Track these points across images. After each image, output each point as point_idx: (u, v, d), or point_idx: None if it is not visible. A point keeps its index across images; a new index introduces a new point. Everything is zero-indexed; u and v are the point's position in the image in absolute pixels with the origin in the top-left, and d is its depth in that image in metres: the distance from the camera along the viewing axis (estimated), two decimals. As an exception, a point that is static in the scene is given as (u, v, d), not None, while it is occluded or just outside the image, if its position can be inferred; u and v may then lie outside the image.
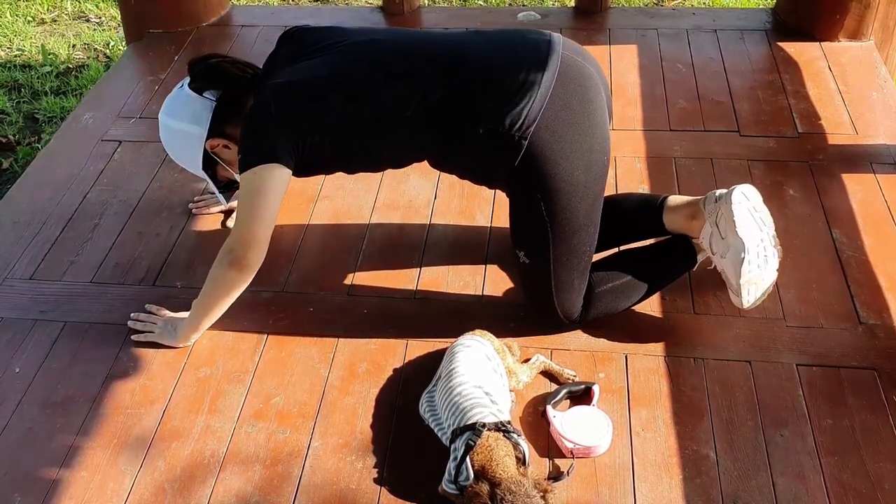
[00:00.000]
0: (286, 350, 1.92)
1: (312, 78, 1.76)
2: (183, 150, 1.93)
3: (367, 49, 1.79)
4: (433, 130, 1.74)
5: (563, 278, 1.80)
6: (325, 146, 1.77)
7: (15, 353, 1.96)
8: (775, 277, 1.79)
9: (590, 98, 1.73)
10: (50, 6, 4.35)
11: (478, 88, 1.70)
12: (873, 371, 1.79)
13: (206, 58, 1.91)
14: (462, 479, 1.51)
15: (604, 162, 1.76)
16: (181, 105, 1.89)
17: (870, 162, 2.36)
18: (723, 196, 1.79)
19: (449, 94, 1.70)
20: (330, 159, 1.86)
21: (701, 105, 2.63)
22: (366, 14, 3.28)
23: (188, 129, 1.87)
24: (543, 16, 3.19)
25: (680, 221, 1.88)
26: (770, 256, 1.77)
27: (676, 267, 1.93)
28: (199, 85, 1.87)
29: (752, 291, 1.76)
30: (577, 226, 1.75)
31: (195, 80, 1.88)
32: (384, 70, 1.75)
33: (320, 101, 1.74)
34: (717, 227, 1.78)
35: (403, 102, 1.72)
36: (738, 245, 1.73)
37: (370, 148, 1.82)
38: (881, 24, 2.84)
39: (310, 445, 1.71)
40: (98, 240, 2.27)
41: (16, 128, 3.46)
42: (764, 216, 1.80)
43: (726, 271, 1.79)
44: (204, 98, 1.86)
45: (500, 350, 1.76)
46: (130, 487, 1.66)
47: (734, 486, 1.59)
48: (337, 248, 2.19)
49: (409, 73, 1.73)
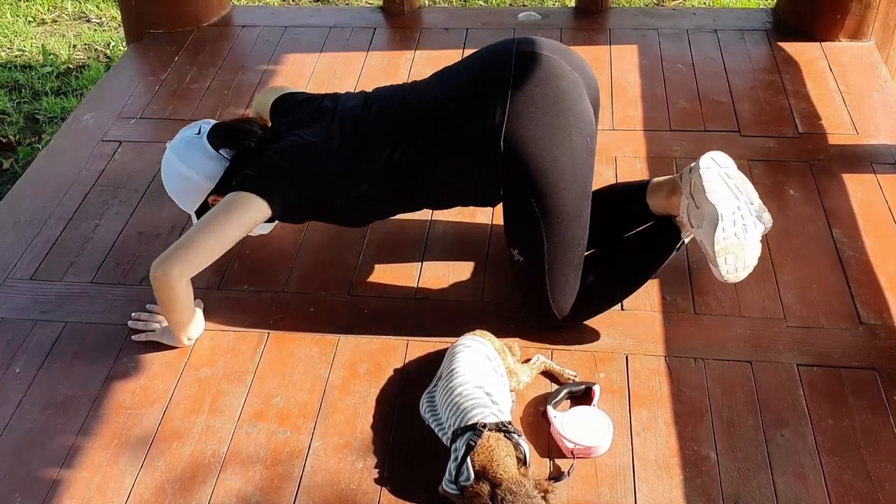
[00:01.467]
0: (287, 350, 1.92)
1: (314, 144, 1.83)
2: (183, 192, 2.00)
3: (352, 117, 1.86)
4: (425, 175, 1.81)
5: (558, 275, 1.80)
6: (320, 206, 1.87)
7: (15, 354, 1.96)
8: (758, 249, 1.75)
9: (554, 84, 1.73)
10: (50, 6, 4.35)
11: (449, 119, 1.76)
12: (874, 371, 1.79)
13: (233, 123, 2.01)
14: (462, 479, 1.51)
15: (587, 143, 1.76)
16: (196, 155, 1.95)
17: (870, 162, 2.36)
18: (694, 164, 1.79)
19: (427, 138, 1.78)
20: (322, 214, 1.95)
21: (701, 105, 2.63)
22: (366, 14, 3.29)
23: (198, 179, 1.94)
24: (544, 16, 3.19)
25: (661, 200, 1.88)
26: (749, 225, 1.73)
27: (662, 248, 1.89)
28: (218, 142, 1.95)
29: (729, 260, 1.73)
30: (569, 218, 1.75)
31: (218, 138, 1.96)
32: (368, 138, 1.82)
33: (320, 165, 1.82)
34: (692, 198, 1.77)
35: (392, 163, 1.80)
36: (710, 211, 1.71)
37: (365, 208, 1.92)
38: (882, 24, 2.84)
39: (310, 445, 1.71)
40: (99, 240, 2.27)
41: (16, 128, 3.46)
42: (740, 184, 1.77)
43: (703, 241, 1.76)
44: (219, 155, 1.94)
45: (501, 350, 1.76)
46: (131, 487, 1.66)
47: (735, 486, 1.59)
48: (337, 247, 2.19)
49: (391, 132, 1.81)
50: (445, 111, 1.78)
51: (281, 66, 2.96)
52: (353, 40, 3.09)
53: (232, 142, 1.95)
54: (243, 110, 2.72)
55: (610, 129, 2.54)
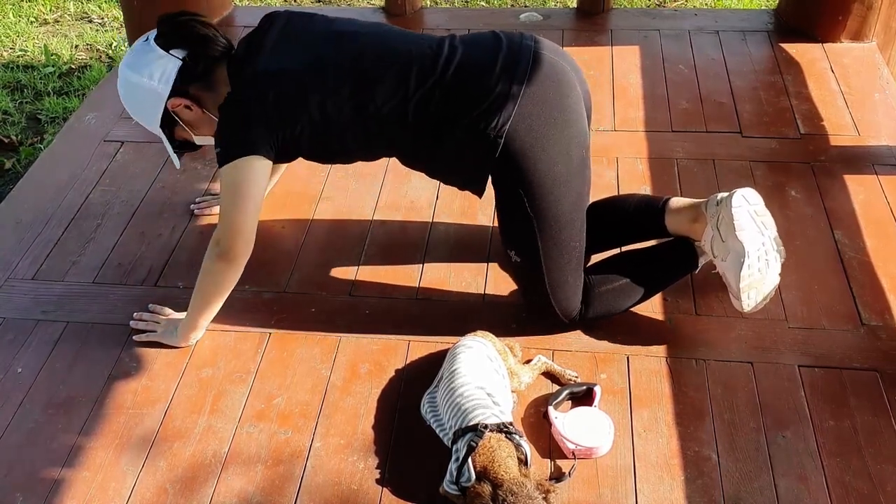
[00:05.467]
0: (288, 350, 1.92)
1: (296, 68, 1.75)
2: (141, 106, 1.85)
3: (351, 43, 1.79)
4: (411, 129, 1.76)
5: (556, 275, 1.80)
6: (304, 138, 1.78)
7: (17, 354, 1.96)
8: (777, 282, 1.78)
9: (565, 93, 1.73)
10: (52, 7, 4.35)
11: (455, 91, 1.72)
12: (875, 372, 1.79)
13: (177, 14, 1.83)
14: (464, 479, 1.51)
15: (583, 155, 1.78)
16: (145, 59, 1.79)
17: (872, 163, 2.36)
18: (724, 199, 1.79)
19: (427, 95, 1.72)
20: (307, 150, 1.87)
21: (703, 106, 2.63)
22: (367, 14, 3.29)
23: (151, 84, 1.78)
24: (545, 17, 3.19)
25: (682, 224, 1.88)
26: (772, 261, 1.76)
27: (677, 269, 1.93)
28: (167, 41, 1.79)
29: (752, 295, 1.76)
30: (564, 221, 1.75)
31: (163, 35, 1.80)
32: (366, 66, 1.75)
33: (303, 94, 1.73)
34: (717, 231, 1.78)
35: (383, 101, 1.73)
36: (738, 249, 1.73)
37: (346, 140, 1.82)
38: (883, 25, 2.84)
39: (311, 446, 1.71)
40: (100, 240, 2.27)
41: (18, 128, 3.47)
42: (766, 220, 1.79)
43: (727, 275, 1.79)
44: (170, 55, 1.78)
45: (502, 351, 1.76)
46: (132, 487, 1.66)
47: (736, 487, 1.59)
48: (339, 248, 2.19)
49: (390, 71, 1.74)
50: (454, 89, 1.72)
51: (282, 66, 2.96)
52: (355, 41, 3.08)
53: (183, 39, 1.79)
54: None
55: (611, 130, 2.54)
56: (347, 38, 1.80)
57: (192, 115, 1.85)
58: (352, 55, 1.76)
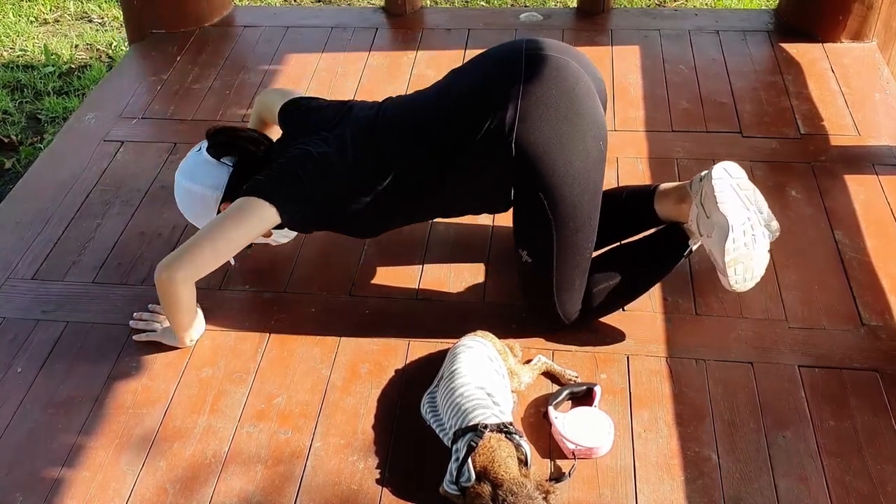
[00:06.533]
0: (288, 350, 1.92)
1: (327, 153, 1.82)
2: (199, 212, 1.98)
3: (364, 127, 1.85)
4: (434, 187, 1.80)
5: (566, 277, 1.80)
6: (331, 214, 1.86)
7: (17, 354, 1.96)
8: (766, 258, 1.76)
9: (570, 86, 1.72)
10: (53, 6, 4.35)
11: (460, 123, 1.74)
12: (875, 373, 1.79)
13: (226, 128, 1.99)
14: (463, 479, 1.51)
15: (599, 148, 1.76)
16: (200, 169, 1.95)
17: (872, 163, 2.35)
18: (706, 174, 1.78)
19: (435, 148, 1.76)
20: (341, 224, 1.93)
21: (703, 106, 2.63)
22: (368, 15, 3.29)
23: (206, 192, 1.94)
24: (545, 16, 3.19)
25: (670, 207, 1.88)
26: (759, 236, 1.74)
27: (670, 255, 1.91)
28: (218, 152, 1.94)
29: (739, 270, 1.74)
30: (581, 222, 1.75)
31: (214, 147, 1.95)
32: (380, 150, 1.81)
33: (333, 175, 1.81)
34: (702, 207, 1.77)
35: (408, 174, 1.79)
36: (721, 222, 1.72)
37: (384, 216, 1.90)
38: (884, 25, 2.84)
39: (311, 446, 1.71)
40: (100, 240, 2.27)
41: (18, 128, 3.47)
42: (750, 194, 1.78)
43: (713, 251, 1.77)
44: (221, 164, 1.94)
45: (502, 351, 1.76)
46: (132, 487, 1.66)
47: (736, 487, 1.59)
48: (339, 248, 2.19)
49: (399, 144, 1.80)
50: (455, 118, 1.75)
51: (282, 66, 2.97)
52: (355, 41, 3.09)
53: (232, 146, 1.95)
54: (245, 110, 2.72)
55: (611, 130, 2.54)
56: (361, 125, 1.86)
57: None
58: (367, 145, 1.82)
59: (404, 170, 1.79)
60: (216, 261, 1.79)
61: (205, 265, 1.78)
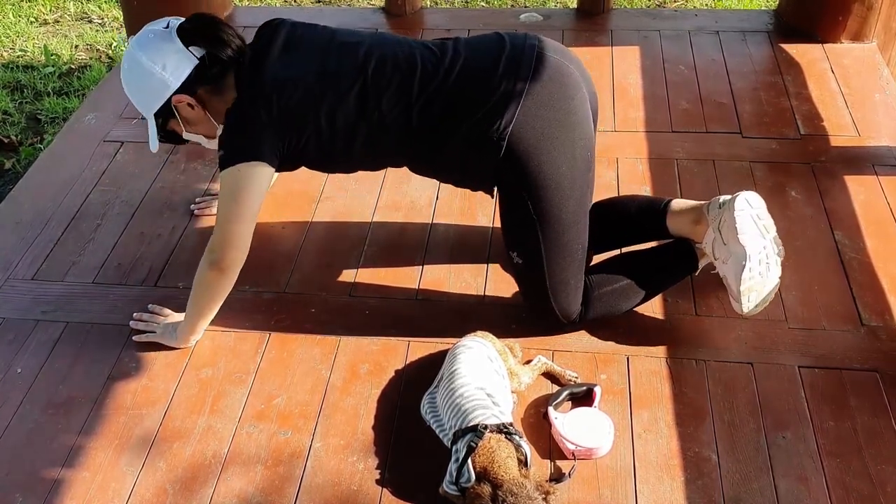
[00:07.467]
0: (288, 351, 1.92)
1: (303, 77, 1.75)
2: (142, 90, 1.82)
3: (355, 52, 1.78)
4: (415, 135, 1.76)
5: (558, 277, 1.80)
6: (310, 146, 1.78)
7: (17, 354, 1.96)
8: (777, 284, 1.79)
9: (570, 94, 1.73)
10: (52, 7, 4.35)
11: (458, 95, 1.72)
12: (875, 373, 1.79)
13: (207, 16, 1.81)
14: (463, 480, 1.51)
15: (587, 157, 1.77)
16: (162, 47, 1.76)
17: (872, 164, 2.35)
18: (726, 203, 1.79)
19: (430, 100, 1.72)
20: (311, 158, 1.86)
21: (703, 106, 2.63)
22: (368, 15, 3.29)
23: (162, 76, 1.75)
24: (545, 17, 3.19)
25: (683, 225, 1.88)
26: (772, 264, 1.77)
27: (678, 271, 1.93)
28: (188, 35, 1.76)
29: (752, 298, 1.76)
30: (566, 223, 1.75)
31: (189, 32, 1.77)
32: (371, 74, 1.75)
33: (311, 102, 1.74)
34: (719, 233, 1.78)
35: (388, 108, 1.73)
36: (739, 252, 1.73)
37: (352, 148, 1.81)
38: (884, 25, 2.84)
39: (311, 446, 1.71)
40: (100, 240, 2.27)
41: (18, 128, 3.46)
42: (767, 223, 1.79)
43: (727, 277, 1.79)
44: (189, 51, 1.76)
45: (502, 351, 1.76)
46: (132, 488, 1.66)
47: (736, 488, 1.59)
48: (339, 248, 2.19)
49: (393, 78, 1.74)
50: (454, 92, 1.73)
51: (283, 66, 2.96)
52: (355, 41, 3.08)
53: (206, 39, 1.76)
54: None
55: (611, 131, 2.54)
56: (351, 48, 1.79)
57: (192, 114, 1.85)
58: (356, 64, 1.76)
59: (390, 128, 1.75)
60: (250, 235, 1.78)
61: (244, 243, 1.77)
